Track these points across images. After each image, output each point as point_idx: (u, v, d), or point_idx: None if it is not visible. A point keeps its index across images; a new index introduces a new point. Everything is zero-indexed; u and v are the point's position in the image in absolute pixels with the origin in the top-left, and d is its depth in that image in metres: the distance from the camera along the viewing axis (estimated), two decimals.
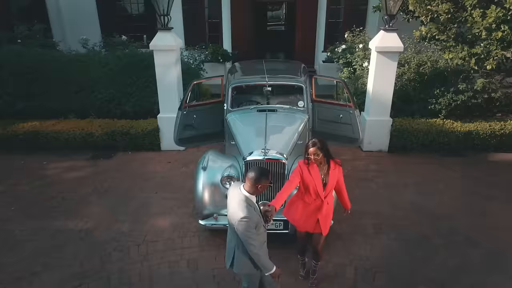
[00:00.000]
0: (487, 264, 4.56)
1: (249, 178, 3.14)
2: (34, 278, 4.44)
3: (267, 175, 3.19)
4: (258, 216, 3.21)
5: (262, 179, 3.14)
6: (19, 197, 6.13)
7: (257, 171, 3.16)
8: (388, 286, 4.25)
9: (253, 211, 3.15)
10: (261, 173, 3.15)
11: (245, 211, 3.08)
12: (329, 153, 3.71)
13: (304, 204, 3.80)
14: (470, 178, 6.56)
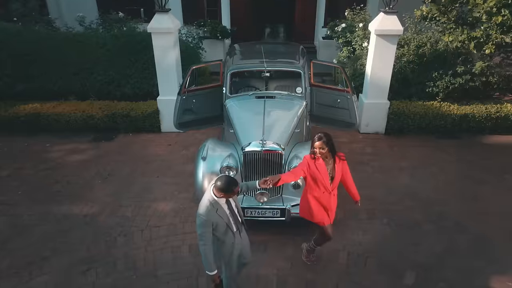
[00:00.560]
0: (472, 250, 4.80)
1: (216, 188, 3.26)
2: (44, 262, 4.69)
3: (234, 187, 3.27)
4: (222, 219, 3.34)
5: (228, 191, 3.26)
6: (24, 181, 6.32)
7: (224, 184, 3.24)
8: (378, 271, 4.50)
9: (214, 212, 3.29)
10: (228, 186, 3.24)
11: (203, 210, 3.28)
12: (334, 148, 3.86)
13: (314, 199, 3.96)
14: (464, 162, 6.71)
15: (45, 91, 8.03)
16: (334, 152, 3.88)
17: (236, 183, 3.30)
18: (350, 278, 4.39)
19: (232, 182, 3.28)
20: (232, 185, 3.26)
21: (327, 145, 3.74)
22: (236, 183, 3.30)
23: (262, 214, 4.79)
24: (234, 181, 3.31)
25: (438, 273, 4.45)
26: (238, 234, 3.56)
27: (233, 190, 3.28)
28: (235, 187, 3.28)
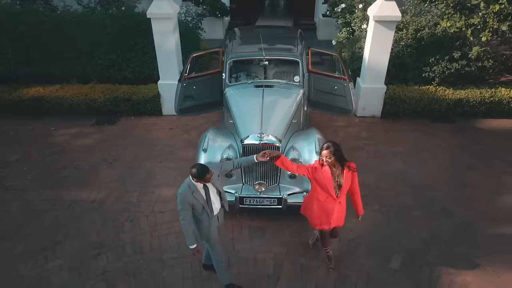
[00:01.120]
0: (457, 235, 5.13)
1: (191, 174, 3.68)
2: (57, 247, 5.04)
3: (205, 175, 3.63)
4: (198, 201, 3.74)
5: (200, 177, 3.64)
6: (33, 166, 6.59)
7: (196, 171, 3.63)
8: (367, 256, 4.85)
9: (190, 194, 3.70)
10: (199, 173, 3.63)
11: (181, 190, 3.72)
12: (343, 157, 3.90)
13: (318, 202, 4.08)
14: (456, 147, 6.95)
15: (47, 75, 8.14)
16: (343, 161, 3.91)
17: (207, 170, 3.64)
18: (341, 263, 4.74)
19: (203, 170, 3.64)
20: (203, 172, 3.62)
21: (334, 154, 3.79)
22: (207, 171, 3.64)
23: (260, 203, 5.08)
24: (206, 169, 3.65)
25: (422, 257, 4.80)
26: (215, 219, 3.95)
27: (205, 177, 3.64)
28: (207, 174, 3.63)
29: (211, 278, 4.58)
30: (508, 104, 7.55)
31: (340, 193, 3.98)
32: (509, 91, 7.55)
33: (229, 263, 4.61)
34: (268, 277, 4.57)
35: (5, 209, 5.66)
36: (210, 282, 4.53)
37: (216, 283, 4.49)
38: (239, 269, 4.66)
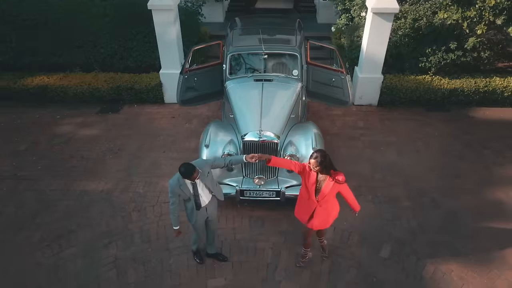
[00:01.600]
0: (443, 225, 5.48)
1: (179, 172, 4.01)
2: (71, 235, 5.40)
3: (191, 175, 3.96)
4: (184, 193, 4.17)
5: (186, 177, 4.00)
6: (42, 155, 6.87)
7: (183, 171, 3.96)
8: (359, 245, 5.22)
9: (178, 187, 4.12)
10: (185, 173, 3.97)
11: (171, 181, 4.15)
12: (329, 167, 4.00)
13: (301, 199, 4.33)
14: (448, 136, 7.21)
15: (50, 63, 8.29)
16: (329, 170, 4.02)
17: (193, 170, 3.96)
18: (334, 251, 5.12)
19: (189, 170, 3.96)
20: (189, 173, 3.96)
21: (320, 164, 3.95)
22: (193, 171, 3.96)
23: (259, 195, 5.41)
24: (192, 170, 3.96)
25: (410, 246, 5.17)
26: (203, 209, 4.37)
27: (191, 177, 3.99)
28: (193, 174, 3.97)
29: (214, 266, 4.97)
30: (502, 93, 7.75)
31: (318, 198, 4.14)
32: (503, 81, 7.73)
33: (222, 249, 4.98)
34: (267, 265, 4.95)
35: (19, 199, 6.00)
36: (213, 270, 4.91)
37: (218, 271, 4.89)
38: (240, 258, 5.04)
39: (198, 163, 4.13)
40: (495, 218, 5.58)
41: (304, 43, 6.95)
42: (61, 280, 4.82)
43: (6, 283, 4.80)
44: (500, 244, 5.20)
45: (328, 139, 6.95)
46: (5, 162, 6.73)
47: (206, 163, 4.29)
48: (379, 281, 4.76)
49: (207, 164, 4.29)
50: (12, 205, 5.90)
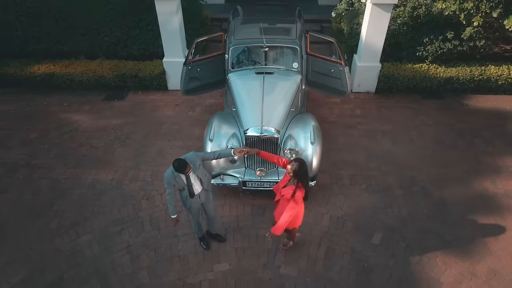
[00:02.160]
0: (432, 213, 5.89)
1: (173, 166, 4.37)
2: (86, 223, 5.82)
3: (183, 170, 4.34)
4: (179, 184, 4.57)
5: (178, 171, 4.37)
6: (52, 144, 7.20)
7: (176, 166, 4.33)
8: (352, 232, 5.64)
9: (173, 178, 4.50)
10: (178, 168, 4.33)
11: (166, 173, 4.52)
12: (300, 179, 4.27)
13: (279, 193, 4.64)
14: (442, 125, 7.50)
15: (55, 51, 8.45)
16: (299, 181, 4.30)
17: (185, 166, 4.33)
18: (330, 238, 5.55)
19: (182, 165, 4.33)
20: (182, 168, 4.34)
21: (293, 173, 4.25)
22: (186, 166, 4.33)
23: (261, 186, 5.78)
24: (184, 165, 4.33)
25: (400, 234, 5.60)
26: (197, 197, 4.76)
27: (183, 171, 4.36)
28: (185, 169, 4.35)
29: (219, 251, 5.42)
30: (496, 81, 7.98)
31: (278, 195, 4.53)
32: (497, 69, 7.94)
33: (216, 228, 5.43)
34: (267, 251, 5.40)
35: (35, 187, 6.38)
36: (219, 255, 5.36)
37: (223, 257, 5.34)
38: (243, 244, 5.48)
39: (189, 157, 4.52)
40: (480, 207, 5.97)
41: (305, 34, 7.12)
42: (80, 265, 5.28)
43: (30, 267, 5.25)
44: (483, 232, 5.62)
45: (326, 128, 7.30)
46: (18, 150, 7.06)
47: (197, 157, 4.63)
48: (370, 266, 5.22)
49: (198, 157, 4.65)
50: (29, 193, 6.29)
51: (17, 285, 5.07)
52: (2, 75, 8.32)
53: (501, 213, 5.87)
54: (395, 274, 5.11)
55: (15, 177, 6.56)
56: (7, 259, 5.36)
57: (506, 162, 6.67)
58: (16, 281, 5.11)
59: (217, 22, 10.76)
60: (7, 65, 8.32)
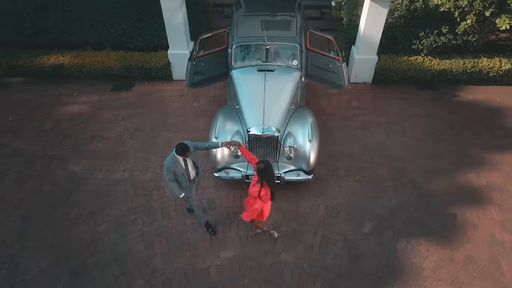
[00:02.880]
0: (419, 204, 6.43)
1: (176, 150, 4.99)
2: (102, 212, 6.38)
3: (185, 152, 4.99)
4: (178, 169, 5.13)
5: (181, 154, 5.01)
6: (66, 135, 7.64)
7: (179, 150, 4.96)
8: (345, 221, 6.21)
9: (173, 164, 5.07)
10: (181, 151, 4.99)
11: (167, 161, 5.10)
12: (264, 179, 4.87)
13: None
14: (433, 117, 7.92)
15: (63, 42, 8.73)
16: (263, 180, 4.89)
17: (187, 150, 4.99)
18: (325, 227, 6.12)
19: (184, 149, 4.99)
20: (184, 151, 5.00)
21: (258, 173, 4.87)
22: (187, 150, 4.99)
23: None
24: (186, 148, 4.99)
25: (388, 223, 6.17)
26: (192, 182, 5.43)
27: (185, 154, 5.01)
28: (187, 152, 5.00)
29: (225, 239, 6.00)
30: (488, 73, 8.32)
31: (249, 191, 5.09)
32: (489, 62, 8.27)
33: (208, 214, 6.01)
34: (268, 239, 5.98)
35: (53, 177, 6.89)
36: (224, 243, 5.95)
37: (229, 244, 5.93)
38: (246, 232, 6.05)
39: (188, 144, 5.12)
40: (463, 198, 6.51)
41: (305, 29, 7.40)
42: (99, 252, 5.88)
43: (55, 253, 5.85)
44: (464, 221, 6.19)
45: (324, 120, 7.74)
46: (35, 141, 7.52)
47: (192, 145, 5.21)
48: (360, 253, 5.82)
49: (193, 145, 5.24)
50: (48, 183, 6.81)
51: (45, 268, 5.69)
52: (14, 66, 8.66)
53: (482, 204, 6.42)
54: (382, 261, 5.72)
55: (33, 168, 7.05)
56: (34, 246, 5.95)
57: (490, 155, 7.15)
58: (44, 265, 5.72)
59: (219, 8, 10.93)
60: (18, 56, 8.63)
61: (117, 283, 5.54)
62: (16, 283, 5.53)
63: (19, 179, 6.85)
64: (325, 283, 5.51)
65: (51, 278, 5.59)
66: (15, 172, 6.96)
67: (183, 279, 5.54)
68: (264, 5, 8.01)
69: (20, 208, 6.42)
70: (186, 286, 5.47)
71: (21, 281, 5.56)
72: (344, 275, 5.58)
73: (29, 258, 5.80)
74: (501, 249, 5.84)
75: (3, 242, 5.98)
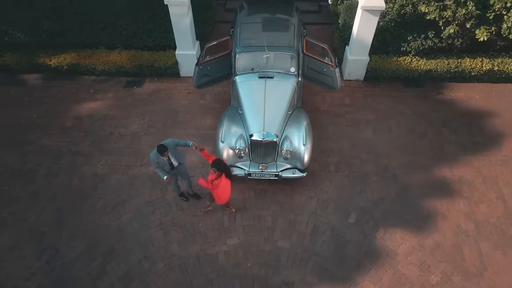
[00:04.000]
0: (398, 197, 7.44)
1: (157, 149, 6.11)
2: (125, 204, 7.40)
3: (163, 153, 6.10)
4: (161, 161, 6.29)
5: (160, 154, 6.10)
6: (87, 131, 8.53)
7: (158, 150, 6.09)
8: (334, 212, 7.24)
9: (156, 157, 6.23)
10: (160, 151, 6.09)
11: (152, 154, 6.28)
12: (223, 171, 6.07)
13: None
14: (417, 114, 8.76)
15: (78, 42, 9.41)
16: (221, 172, 6.09)
17: (164, 150, 6.11)
18: (316, 218, 7.16)
19: (162, 150, 6.10)
20: (162, 151, 6.11)
21: (218, 168, 6.04)
22: (165, 151, 6.11)
23: (262, 176, 7.25)
24: (164, 149, 6.10)
25: (370, 214, 7.20)
26: (176, 169, 6.57)
27: (163, 154, 6.12)
28: (164, 152, 6.12)
29: (231, 228, 7.06)
30: (470, 73, 9.07)
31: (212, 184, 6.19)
32: (471, 62, 9.00)
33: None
34: (267, 228, 7.04)
35: (79, 172, 7.86)
36: (230, 232, 7.02)
37: (234, 233, 6.99)
38: (248, 222, 7.11)
39: (167, 142, 6.27)
40: (437, 191, 7.51)
41: (301, 39, 8.09)
42: (125, 239, 6.96)
43: (87, 240, 6.93)
44: (435, 212, 7.22)
45: (318, 117, 8.60)
46: (60, 138, 8.42)
47: (173, 143, 6.37)
48: (345, 240, 6.90)
49: (174, 143, 6.39)
50: (76, 177, 7.79)
51: (81, 253, 6.79)
52: (33, 64, 9.40)
53: (452, 196, 7.43)
54: (363, 247, 6.81)
55: (61, 163, 8.01)
56: (69, 233, 7.03)
57: (465, 151, 8.08)
58: (79, 251, 6.82)
59: (221, 1, 11.46)
60: (37, 56, 9.35)
61: (141, 265, 6.66)
62: (57, 266, 6.65)
63: (50, 174, 7.82)
64: (315, 266, 6.62)
65: (86, 261, 6.70)
66: (46, 168, 7.93)
67: (197, 263, 6.65)
68: (265, 8, 8.67)
69: (54, 201, 7.44)
70: (199, 268, 6.59)
71: (62, 264, 6.67)
72: (331, 259, 6.69)
73: (65, 245, 6.89)
74: (464, 237, 6.91)
75: (42, 231, 7.05)
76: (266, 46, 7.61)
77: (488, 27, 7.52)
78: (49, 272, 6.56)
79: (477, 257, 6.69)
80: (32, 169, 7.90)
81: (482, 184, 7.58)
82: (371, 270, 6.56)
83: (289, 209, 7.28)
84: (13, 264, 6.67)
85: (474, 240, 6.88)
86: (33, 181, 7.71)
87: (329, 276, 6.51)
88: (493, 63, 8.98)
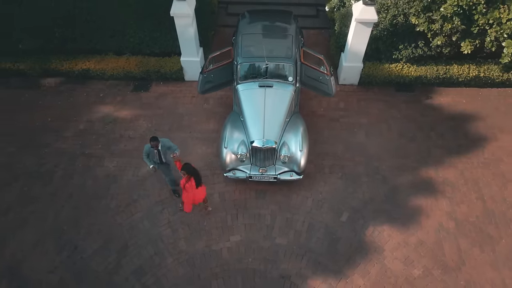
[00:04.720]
0: (386, 197, 8.10)
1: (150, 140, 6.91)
2: (136, 203, 8.07)
3: (154, 143, 6.92)
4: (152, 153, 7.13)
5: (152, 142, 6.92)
6: (98, 134, 9.14)
7: (150, 142, 6.93)
8: (328, 212, 7.91)
9: (148, 149, 7.11)
10: (152, 140, 6.93)
11: (145, 147, 7.11)
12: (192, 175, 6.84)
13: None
14: (408, 118, 9.37)
15: (88, 48, 9.94)
16: (190, 176, 6.86)
17: (157, 141, 6.93)
18: (311, 216, 7.84)
19: (155, 139, 6.92)
20: (153, 140, 6.93)
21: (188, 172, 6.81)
22: (156, 141, 6.93)
23: (262, 178, 7.91)
24: (157, 140, 6.92)
25: (361, 213, 7.88)
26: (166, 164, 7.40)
27: (153, 143, 6.92)
28: (154, 142, 6.93)
29: (233, 226, 7.75)
30: (457, 79, 9.65)
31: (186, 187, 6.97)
32: (459, 68, 9.57)
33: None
34: (267, 226, 7.73)
35: (93, 173, 8.50)
36: (232, 230, 7.71)
37: (236, 230, 7.68)
38: (249, 221, 7.79)
39: (163, 140, 7.13)
40: (423, 192, 8.17)
41: (299, 48, 8.65)
42: (137, 236, 7.64)
43: (103, 237, 7.61)
44: (419, 211, 7.90)
45: (314, 121, 9.21)
46: (74, 140, 9.04)
47: (167, 143, 7.18)
48: (337, 237, 7.59)
49: (167, 144, 7.18)
50: (90, 178, 8.44)
51: (97, 249, 7.48)
52: (46, 69, 9.96)
53: (436, 197, 8.10)
54: (354, 244, 7.50)
55: (76, 165, 8.65)
56: (86, 231, 7.71)
57: (450, 154, 8.72)
58: (96, 247, 7.51)
59: (223, 5, 11.94)
60: (50, 61, 9.90)
61: (152, 260, 7.36)
62: (77, 260, 7.36)
63: (66, 175, 8.47)
64: (310, 260, 7.33)
65: (103, 256, 7.40)
66: (62, 169, 8.57)
67: (203, 258, 7.36)
68: (265, 17, 9.21)
69: (71, 200, 8.10)
70: (205, 263, 7.30)
71: (81, 258, 7.37)
72: (324, 255, 7.39)
73: (83, 241, 7.58)
74: (445, 235, 7.61)
75: (61, 229, 7.73)
76: (266, 57, 8.17)
77: (473, 40, 8.08)
78: (70, 266, 7.26)
79: (456, 253, 7.39)
80: (49, 170, 8.54)
81: (464, 185, 8.24)
82: (360, 265, 7.27)
83: (287, 208, 7.95)
84: (36, 259, 7.37)
85: (454, 237, 7.57)
86: (50, 182, 8.36)
87: (322, 270, 7.23)
88: (479, 70, 9.55)
